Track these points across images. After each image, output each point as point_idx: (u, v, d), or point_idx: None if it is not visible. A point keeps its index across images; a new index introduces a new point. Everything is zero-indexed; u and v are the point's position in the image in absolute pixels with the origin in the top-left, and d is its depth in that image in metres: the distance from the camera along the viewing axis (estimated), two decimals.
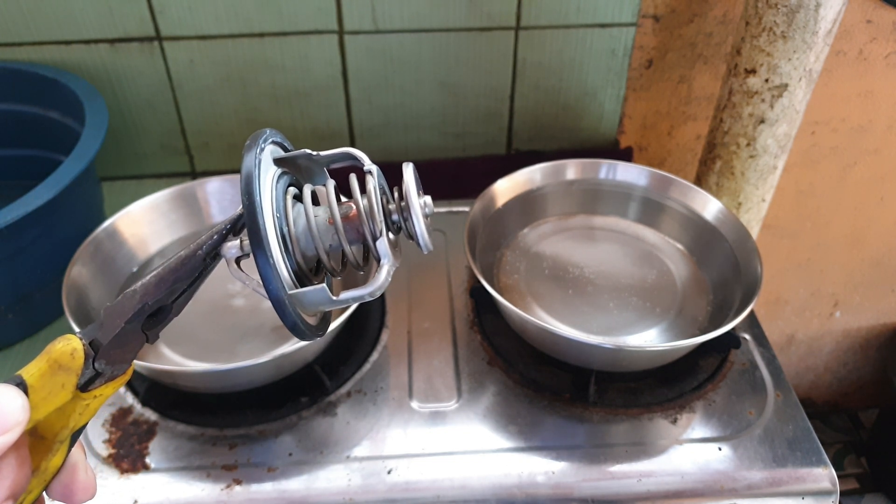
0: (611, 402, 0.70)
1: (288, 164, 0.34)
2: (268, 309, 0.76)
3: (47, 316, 0.78)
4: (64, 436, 0.29)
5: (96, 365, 0.29)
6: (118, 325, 0.29)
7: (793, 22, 0.76)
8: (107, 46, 0.88)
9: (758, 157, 0.88)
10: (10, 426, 0.25)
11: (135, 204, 0.79)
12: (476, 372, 0.73)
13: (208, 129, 0.97)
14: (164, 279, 0.30)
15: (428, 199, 0.33)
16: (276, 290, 0.30)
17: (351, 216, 0.32)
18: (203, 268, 0.31)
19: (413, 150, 1.01)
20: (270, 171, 0.32)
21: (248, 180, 0.29)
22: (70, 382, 0.28)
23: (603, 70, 0.95)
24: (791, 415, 0.69)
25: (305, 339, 0.32)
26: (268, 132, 0.33)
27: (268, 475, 0.64)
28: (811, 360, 1.50)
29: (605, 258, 0.83)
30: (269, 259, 0.29)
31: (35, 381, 0.28)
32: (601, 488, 0.63)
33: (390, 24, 0.89)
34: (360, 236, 0.32)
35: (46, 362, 0.28)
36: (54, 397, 0.28)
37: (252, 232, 0.29)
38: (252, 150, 0.31)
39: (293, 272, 0.32)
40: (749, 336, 0.77)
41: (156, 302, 0.30)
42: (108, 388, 0.30)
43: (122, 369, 0.30)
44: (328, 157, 0.35)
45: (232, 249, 0.31)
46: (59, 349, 0.28)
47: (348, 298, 0.32)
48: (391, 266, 0.32)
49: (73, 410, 0.29)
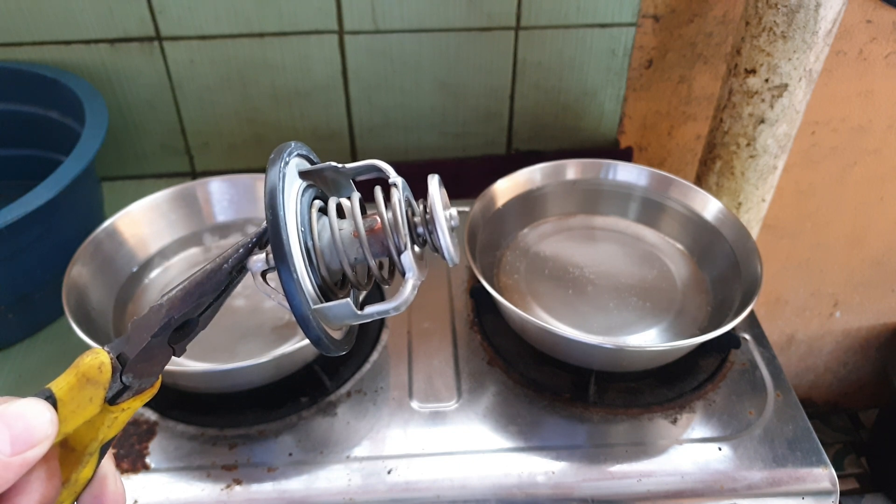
0: (611, 402, 0.70)
1: (313, 177, 0.34)
2: (268, 309, 0.76)
3: (47, 316, 0.78)
4: (93, 448, 0.29)
5: (124, 378, 0.29)
6: (145, 338, 0.29)
7: (793, 22, 0.76)
8: (107, 46, 0.88)
9: (758, 157, 0.88)
10: (39, 440, 0.26)
11: (135, 204, 0.78)
12: (476, 372, 0.73)
13: (208, 129, 0.97)
14: (191, 293, 0.30)
15: (454, 212, 0.33)
16: (299, 306, 0.30)
17: (376, 229, 0.32)
18: (229, 281, 0.31)
19: (413, 150, 1.01)
20: (295, 184, 0.32)
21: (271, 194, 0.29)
22: (98, 396, 0.29)
23: (603, 70, 0.95)
24: (791, 415, 0.69)
25: (330, 353, 0.32)
26: (293, 145, 0.33)
27: (268, 475, 0.64)
28: (811, 360, 1.50)
29: (605, 258, 0.83)
30: (292, 274, 0.29)
31: (64, 395, 0.28)
32: (601, 488, 0.63)
33: (390, 24, 0.89)
34: (384, 249, 0.32)
35: (75, 376, 0.28)
36: (83, 410, 0.28)
37: (276, 246, 0.29)
38: (276, 164, 0.30)
39: (318, 286, 0.32)
40: (749, 336, 0.77)
41: (182, 316, 0.30)
42: (135, 402, 0.30)
43: (149, 382, 0.30)
44: (354, 170, 0.34)
45: (258, 263, 0.31)
46: (87, 363, 0.28)
47: (373, 313, 0.31)
48: (416, 280, 0.31)
49: (102, 423, 0.29)
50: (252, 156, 1.00)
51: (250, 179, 0.84)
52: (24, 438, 0.25)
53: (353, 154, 1.01)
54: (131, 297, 0.77)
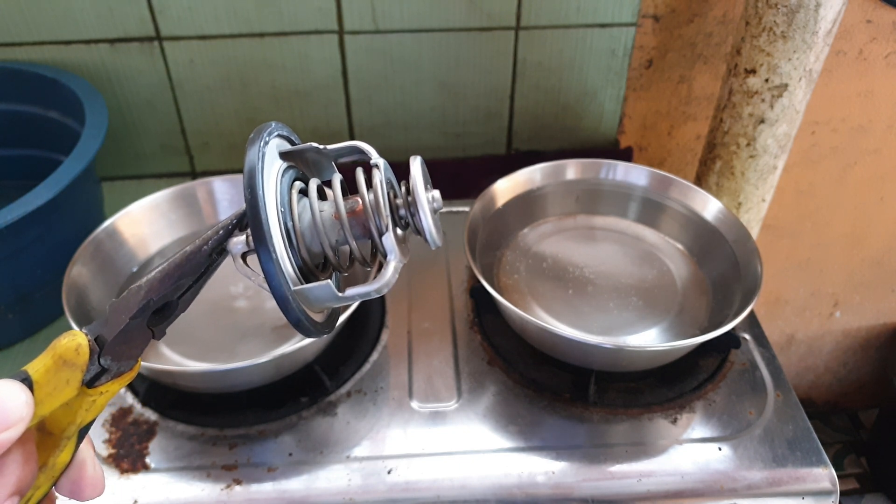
0: (611, 402, 0.70)
1: (295, 158, 0.33)
2: (268, 309, 0.76)
3: (47, 316, 0.78)
4: (71, 432, 0.29)
5: (102, 361, 0.29)
6: (123, 320, 0.29)
7: (793, 22, 0.76)
8: (107, 46, 0.88)
9: (758, 157, 0.88)
10: (13, 422, 0.25)
11: (135, 204, 0.78)
12: (476, 372, 0.73)
13: (208, 129, 0.97)
14: (170, 274, 0.30)
15: (436, 194, 0.32)
16: (278, 286, 0.29)
17: (357, 211, 0.32)
18: (209, 264, 0.30)
19: (413, 149, 1.01)
20: (276, 164, 0.31)
21: (250, 174, 0.29)
22: (75, 378, 0.28)
23: (603, 70, 0.95)
24: (791, 415, 0.69)
25: (311, 335, 0.31)
26: (273, 125, 0.32)
27: (268, 475, 0.64)
28: (811, 360, 1.50)
29: (605, 258, 0.83)
30: (271, 254, 0.29)
31: (40, 377, 0.28)
32: (601, 488, 0.63)
33: (390, 24, 0.88)
34: (366, 232, 0.32)
35: (51, 358, 0.28)
36: (60, 393, 0.28)
37: (254, 227, 0.29)
38: (256, 144, 0.30)
39: (298, 268, 0.31)
40: (749, 336, 0.77)
41: (161, 298, 0.30)
42: (114, 385, 0.30)
43: (128, 366, 0.30)
44: (336, 151, 0.34)
45: (238, 245, 0.31)
46: (63, 344, 0.28)
47: (354, 295, 0.31)
48: (398, 263, 0.31)
49: (80, 406, 0.29)
50: None
51: None
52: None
53: None
54: None
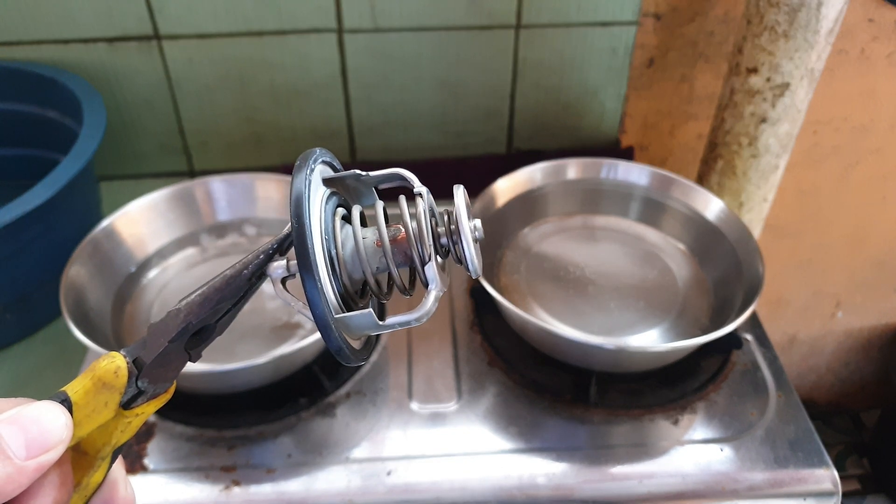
0: (612, 403, 0.69)
1: (336, 185, 0.34)
2: (268, 310, 0.76)
3: (45, 316, 0.78)
4: (106, 452, 0.29)
5: (139, 383, 0.29)
6: (162, 343, 0.29)
7: (794, 21, 0.76)
8: (105, 45, 0.88)
9: (760, 157, 0.88)
10: (53, 444, 0.25)
11: (133, 203, 0.78)
12: (476, 373, 0.72)
13: (207, 129, 0.97)
14: (209, 298, 0.30)
15: (478, 223, 0.33)
16: (322, 316, 0.29)
17: (399, 239, 0.32)
18: (248, 287, 0.31)
19: (413, 149, 1.01)
20: (319, 191, 0.32)
21: (297, 202, 0.29)
22: (113, 400, 0.29)
23: (604, 69, 0.95)
24: (793, 415, 0.68)
25: (350, 363, 0.32)
26: (318, 151, 0.32)
27: (267, 476, 0.63)
28: (813, 360, 1.50)
29: (606, 258, 0.82)
30: (317, 283, 0.29)
31: (79, 399, 0.28)
32: (602, 490, 0.63)
33: (390, 22, 0.88)
34: (407, 259, 0.32)
35: (91, 380, 0.28)
36: (97, 415, 0.28)
37: (301, 255, 0.29)
38: (302, 171, 0.30)
39: (339, 295, 0.31)
40: (751, 336, 0.77)
41: (200, 321, 0.30)
42: (149, 407, 0.30)
43: (163, 388, 0.30)
44: (377, 178, 0.34)
45: (278, 270, 0.31)
46: (103, 367, 0.28)
47: (394, 324, 0.31)
48: (439, 292, 0.31)
49: (116, 428, 0.29)
50: (251, 155, 1.00)
51: (249, 179, 0.83)
52: (40, 442, 0.25)
53: (353, 153, 1.01)
54: (129, 297, 0.77)
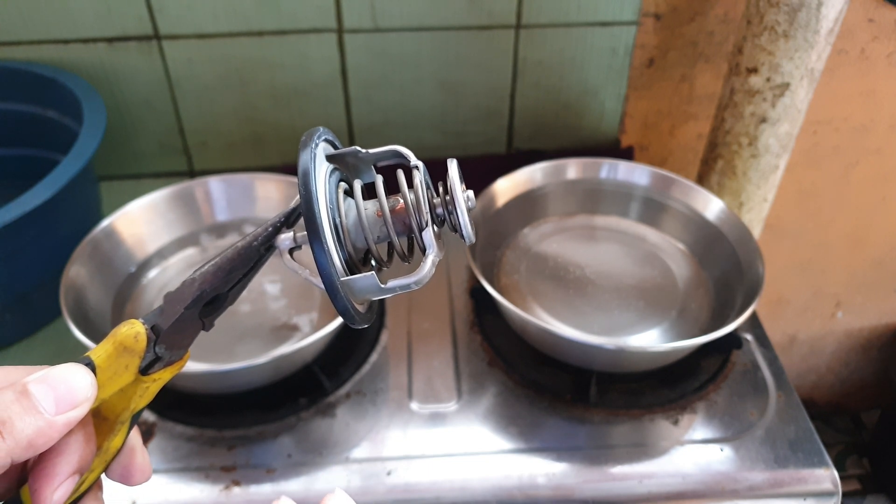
0: (612, 403, 0.69)
1: (337, 161, 0.37)
2: (267, 310, 0.76)
3: (45, 316, 0.78)
4: (125, 417, 0.31)
5: (157, 349, 0.31)
6: (178, 310, 0.31)
7: (794, 21, 0.76)
8: (105, 45, 0.88)
9: (760, 157, 0.88)
10: (80, 401, 0.27)
11: (133, 203, 0.78)
12: (476, 373, 0.72)
13: (207, 129, 0.97)
14: (222, 268, 0.32)
15: (471, 193, 0.35)
16: (329, 276, 0.32)
17: (399, 209, 0.35)
18: (258, 258, 0.33)
19: (413, 148, 0.99)
20: (323, 166, 0.35)
21: (304, 174, 0.32)
22: (133, 364, 0.30)
23: (604, 69, 0.95)
24: (793, 415, 0.68)
25: (355, 324, 0.34)
26: (321, 130, 0.35)
27: (266, 476, 0.63)
28: (813, 360, 1.50)
29: (606, 258, 0.82)
30: (324, 246, 0.31)
31: (102, 362, 0.30)
32: (602, 490, 0.63)
33: (390, 22, 0.88)
34: (406, 228, 0.35)
35: (112, 344, 0.30)
36: (118, 378, 0.30)
37: (309, 221, 0.31)
38: (308, 147, 0.33)
39: (343, 261, 0.34)
40: (751, 336, 0.77)
41: (213, 289, 0.32)
42: (166, 373, 0.32)
43: (179, 355, 0.33)
44: (375, 155, 0.38)
45: (285, 241, 0.33)
46: (123, 332, 0.30)
47: (395, 287, 0.33)
48: (436, 256, 0.34)
49: (134, 393, 0.31)
50: (250, 155, 1.00)
51: (249, 179, 0.83)
52: (68, 399, 0.27)
53: None
54: (129, 297, 0.77)
